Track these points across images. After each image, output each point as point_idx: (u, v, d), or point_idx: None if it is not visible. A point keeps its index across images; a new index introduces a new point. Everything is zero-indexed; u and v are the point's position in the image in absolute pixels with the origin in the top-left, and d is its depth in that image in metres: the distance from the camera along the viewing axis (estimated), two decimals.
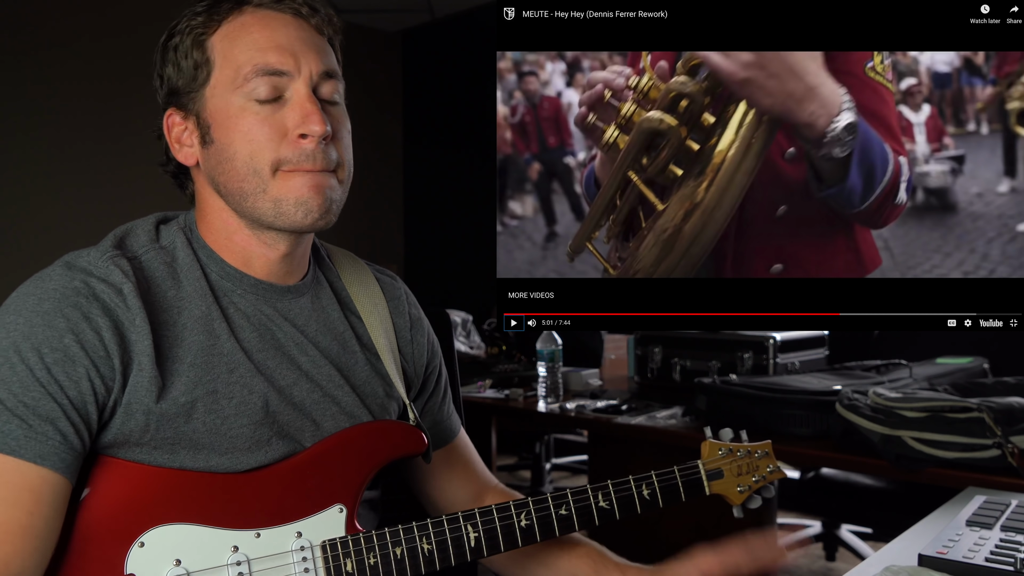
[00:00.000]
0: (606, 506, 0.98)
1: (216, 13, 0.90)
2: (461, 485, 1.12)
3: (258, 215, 0.90)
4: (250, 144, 0.88)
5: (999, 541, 0.93)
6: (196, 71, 0.90)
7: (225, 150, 0.90)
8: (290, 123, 0.88)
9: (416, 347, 1.09)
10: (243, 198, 0.90)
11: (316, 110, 0.88)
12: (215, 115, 0.90)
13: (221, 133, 0.90)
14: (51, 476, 0.79)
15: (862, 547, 2.63)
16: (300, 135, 0.88)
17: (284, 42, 0.89)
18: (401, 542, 0.90)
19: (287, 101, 0.89)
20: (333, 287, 1.03)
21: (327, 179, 0.91)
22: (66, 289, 0.84)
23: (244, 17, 0.90)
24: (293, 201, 0.89)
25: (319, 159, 0.89)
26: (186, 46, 0.91)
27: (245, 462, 0.89)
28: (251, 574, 0.85)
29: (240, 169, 0.89)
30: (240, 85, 0.88)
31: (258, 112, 0.88)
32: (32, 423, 0.79)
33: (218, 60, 0.90)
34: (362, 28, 5.06)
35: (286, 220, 0.90)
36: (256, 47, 0.89)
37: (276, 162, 0.88)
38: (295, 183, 0.89)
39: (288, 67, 0.89)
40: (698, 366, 2.25)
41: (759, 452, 1.05)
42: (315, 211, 0.90)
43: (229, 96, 0.89)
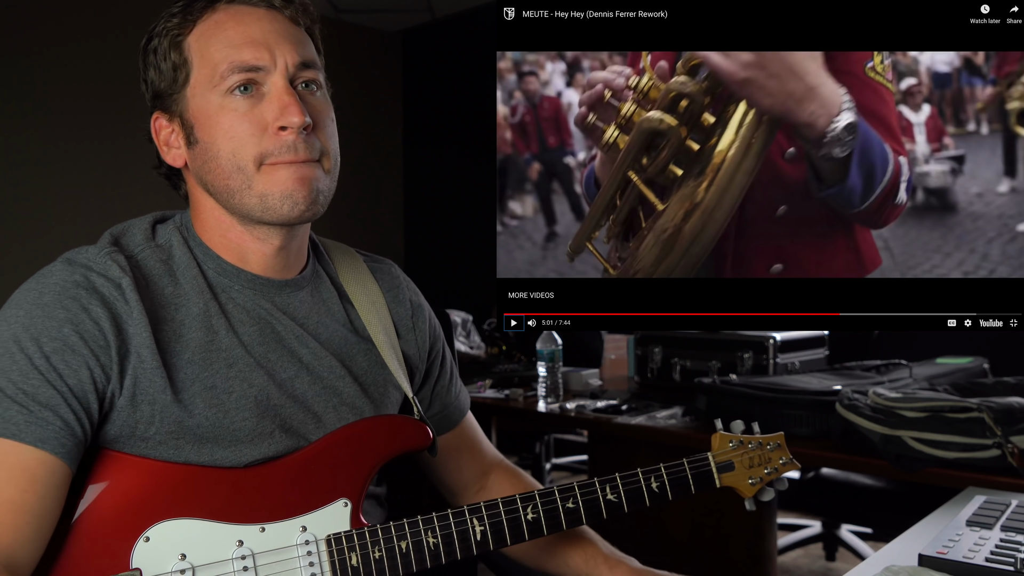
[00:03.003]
0: (614, 499, 0.98)
1: (190, 13, 0.91)
2: (468, 465, 1.15)
3: (246, 211, 0.91)
4: (232, 141, 0.89)
5: (999, 541, 0.93)
6: (175, 73, 0.91)
7: (209, 149, 0.90)
8: (269, 116, 0.89)
9: (419, 333, 1.10)
10: (230, 195, 0.91)
11: (294, 101, 0.89)
12: (197, 115, 0.91)
13: (204, 132, 0.91)
14: (49, 459, 0.80)
15: (862, 547, 2.63)
16: (280, 127, 0.89)
17: (258, 36, 0.90)
18: (406, 536, 0.90)
19: (265, 95, 0.90)
20: (332, 280, 1.04)
21: (312, 170, 0.91)
22: (66, 283, 0.85)
23: (218, 15, 0.91)
24: (279, 195, 0.90)
25: (301, 150, 0.90)
26: (164, 48, 0.91)
27: (249, 455, 0.89)
28: (256, 568, 0.86)
29: (225, 167, 0.90)
30: (218, 83, 0.89)
31: (237, 108, 0.89)
32: (32, 409, 0.80)
33: (195, 60, 0.90)
34: (362, 28, 5.05)
35: (273, 214, 0.91)
36: (230, 44, 0.89)
37: (259, 156, 0.89)
38: (279, 176, 0.89)
39: (263, 61, 0.89)
40: (698, 366, 2.25)
41: (771, 444, 1.05)
42: (301, 203, 0.90)
43: (208, 95, 0.90)
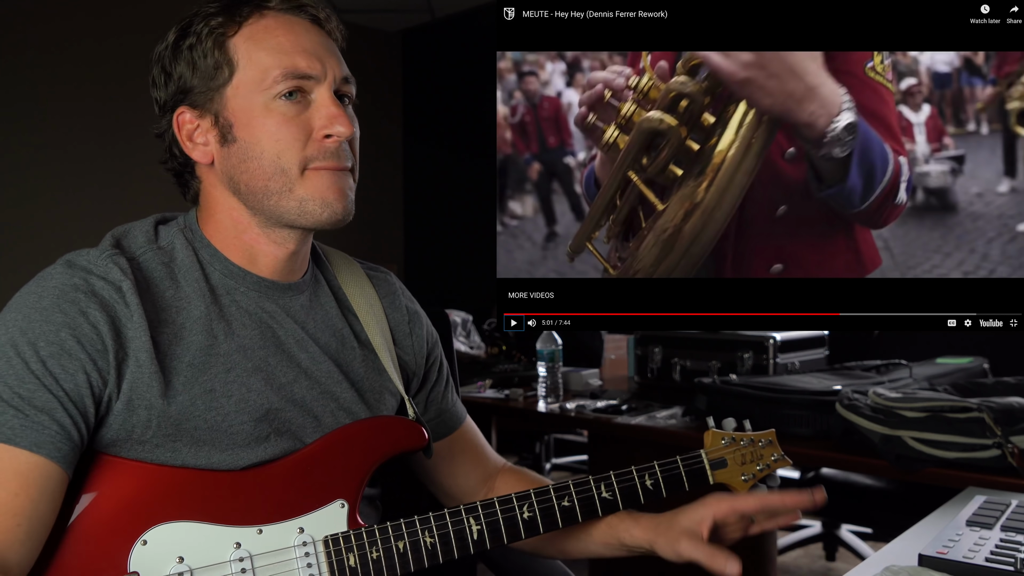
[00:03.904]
0: (609, 496, 0.99)
1: (236, 15, 0.92)
2: (470, 471, 1.14)
3: (280, 212, 0.93)
4: (277, 144, 0.90)
5: (999, 541, 0.93)
6: (216, 71, 0.92)
7: (250, 149, 0.91)
8: (316, 124, 0.91)
9: (415, 339, 1.11)
10: (267, 196, 0.92)
11: (342, 112, 0.92)
12: (238, 114, 0.91)
13: (245, 132, 0.91)
14: (44, 463, 0.80)
15: (862, 547, 2.63)
16: (326, 135, 0.91)
17: (309, 47, 0.92)
18: (404, 536, 0.90)
19: (311, 103, 0.92)
20: (330, 285, 1.05)
21: (347, 179, 0.94)
22: (65, 286, 0.85)
23: (267, 20, 0.93)
24: (319, 201, 0.92)
25: (343, 156, 0.93)
26: (206, 46, 0.92)
27: (246, 458, 0.89)
28: (254, 570, 0.86)
29: (267, 168, 0.91)
30: (268, 87, 0.90)
31: (285, 113, 0.91)
32: (28, 413, 0.80)
33: (242, 61, 0.91)
34: (362, 28, 5.06)
35: (309, 218, 0.92)
36: (282, 50, 0.91)
37: (303, 160, 0.91)
38: (322, 183, 0.92)
39: (315, 71, 0.91)
40: (698, 366, 2.25)
41: (763, 441, 1.05)
42: (339, 212, 0.93)
43: (253, 96, 0.91)
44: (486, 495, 1.13)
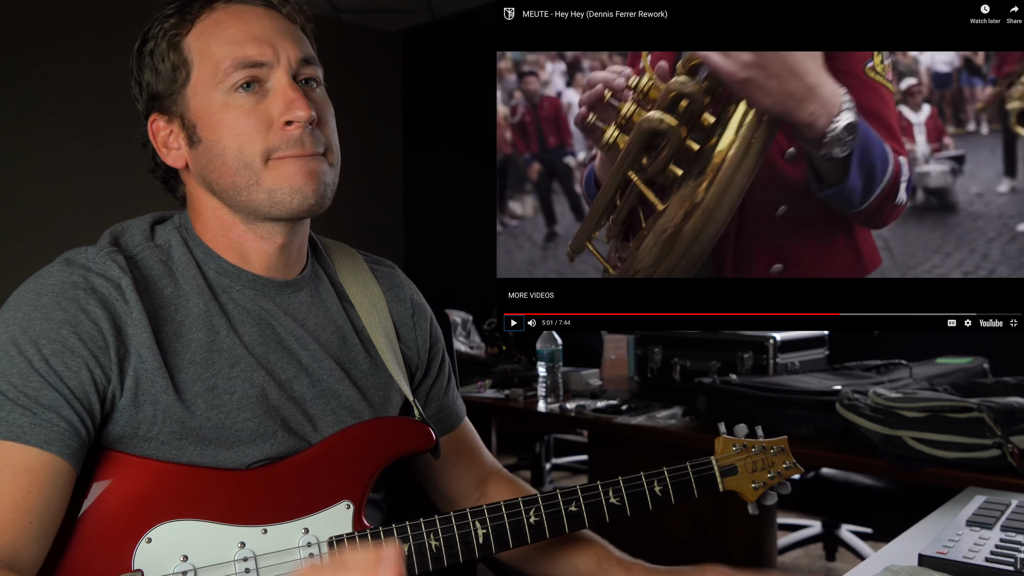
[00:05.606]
0: (616, 502, 0.98)
1: (188, 13, 0.91)
2: (467, 471, 1.13)
3: (253, 207, 0.91)
4: (237, 137, 0.89)
5: (999, 541, 0.93)
6: (175, 73, 0.91)
7: (213, 147, 0.90)
8: (275, 112, 0.89)
9: (419, 332, 1.10)
10: (236, 192, 0.91)
11: (299, 96, 0.89)
12: (199, 114, 0.90)
13: (207, 131, 0.90)
14: (54, 460, 0.80)
15: (862, 547, 2.63)
16: (286, 122, 0.89)
17: (260, 33, 0.90)
18: (408, 538, 0.90)
19: (269, 91, 0.90)
20: (331, 281, 1.04)
21: (319, 163, 0.91)
22: (64, 284, 0.85)
23: (217, 14, 0.91)
24: (288, 189, 0.90)
25: (308, 143, 0.90)
26: (162, 49, 0.91)
27: (252, 455, 0.89)
28: (258, 570, 0.86)
29: (231, 164, 0.90)
30: (221, 81, 0.89)
31: (241, 105, 0.89)
32: (36, 411, 0.80)
33: (196, 59, 0.90)
34: (362, 28, 5.05)
35: (282, 208, 0.90)
36: (232, 41, 0.89)
37: (266, 152, 0.89)
38: (287, 170, 0.89)
39: (267, 57, 0.89)
40: (698, 366, 2.25)
41: (774, 448, 1.05)
42: (310, 196, 0.90)
43: (211, 93, 0.90)
44: (480, 498, 1.13)
